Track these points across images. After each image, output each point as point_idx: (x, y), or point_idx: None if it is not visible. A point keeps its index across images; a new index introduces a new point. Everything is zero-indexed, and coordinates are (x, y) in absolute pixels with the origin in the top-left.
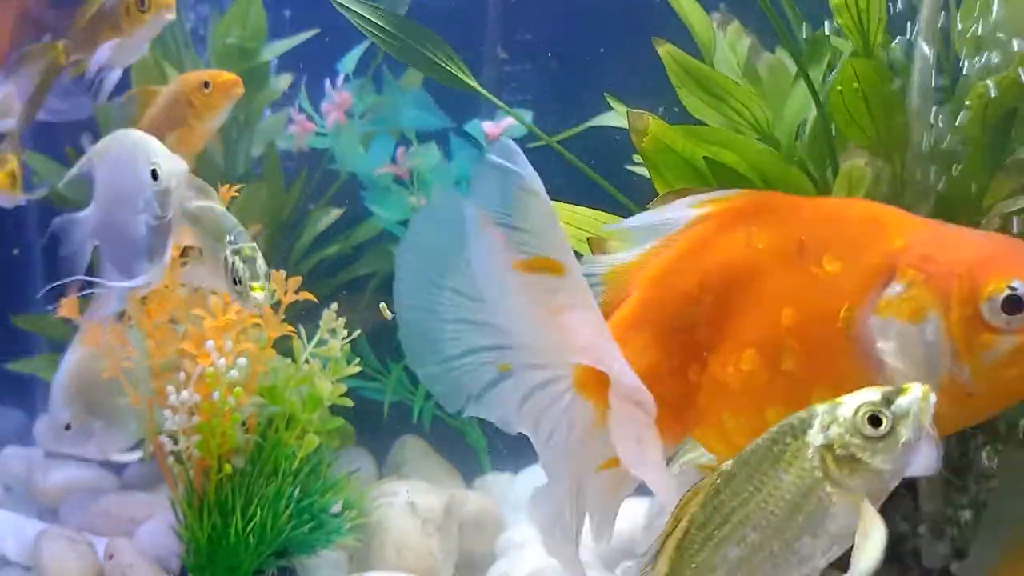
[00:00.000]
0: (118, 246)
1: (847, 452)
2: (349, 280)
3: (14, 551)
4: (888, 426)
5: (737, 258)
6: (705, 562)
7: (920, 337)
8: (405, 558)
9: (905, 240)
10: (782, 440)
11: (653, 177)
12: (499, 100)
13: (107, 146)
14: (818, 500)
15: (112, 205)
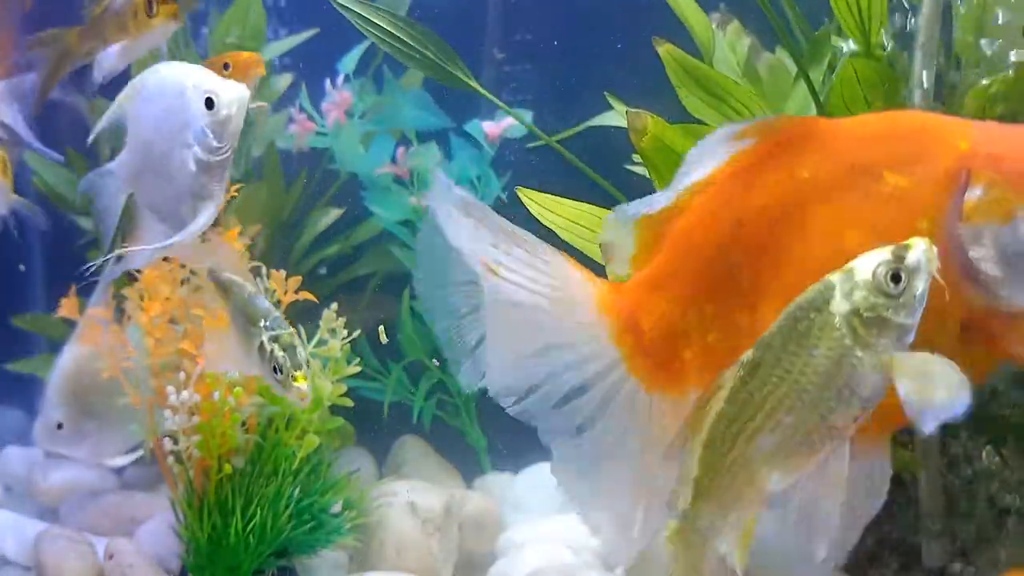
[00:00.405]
0: (159, 190)
1: (874, 314)
2: (349, 280)
3: (14, 551)
4: (906, 281)
5: (779, 192)
6: (740, 457)
7: (1014, 237)
8: (405, 558)
9: (969, 143)
10: (805, 317)
11: (652, 176)
12: (499, 100)
13: (143, 82)
14: (851, 367)
15: (151, 146)
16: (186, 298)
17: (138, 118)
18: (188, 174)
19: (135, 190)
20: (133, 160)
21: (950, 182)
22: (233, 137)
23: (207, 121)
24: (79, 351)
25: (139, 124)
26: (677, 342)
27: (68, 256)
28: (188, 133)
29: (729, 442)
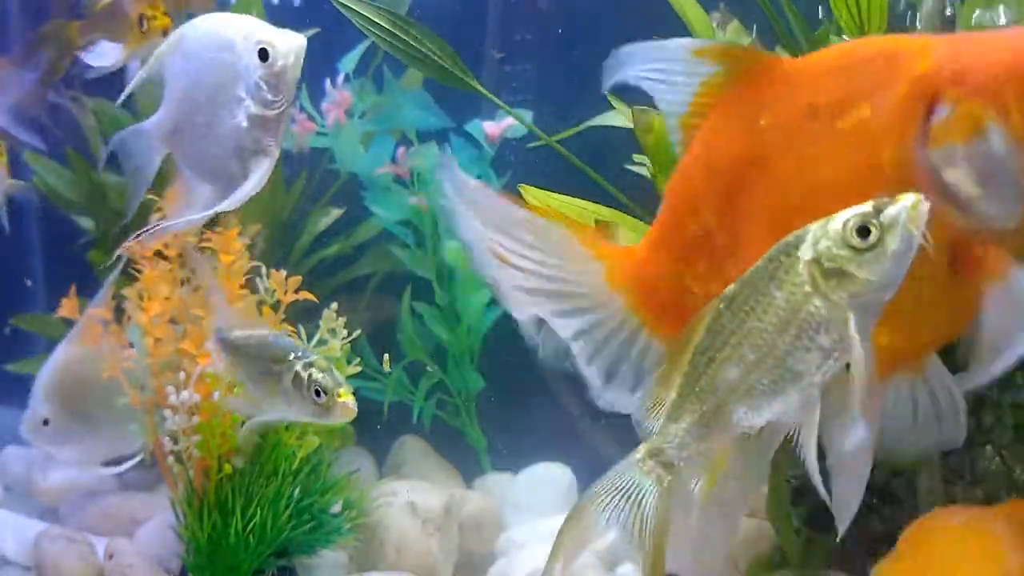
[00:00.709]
0: (204, 149)
1: (835, 265)
2: (349, 280)
3: (14, 551)
4: (876, 236)
5: (741, 147)
6: (707, 384)
7: (988, 151)
8: (405, 558)
9: (929, 62)
10: (776, 258)
11: (657, 174)
12: (499, 100)
13: (182, 35)
14: (808, 315)
15: (195, 103)
16: (186, 298)
17: (179, 73)
18: (239, 131)
19: (174, 150)
20: (172, 118)
21: (912, 107)
22: (290, 89)
23: (261, 74)
24: (73, 351)
25: (180, 79)
26: (686, 300)
27: (68, 256)
28: (239, 87)
29: (701, 369)
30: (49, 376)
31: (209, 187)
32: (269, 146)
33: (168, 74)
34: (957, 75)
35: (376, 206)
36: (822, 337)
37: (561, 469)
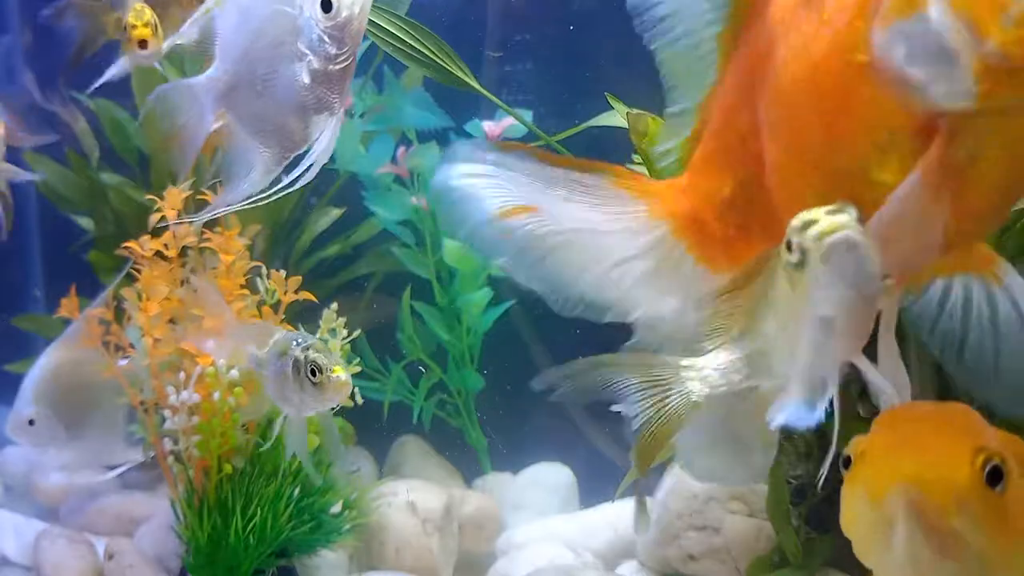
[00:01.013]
0: (262, 108)
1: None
2: (349, 280)
3: (14, 551)
4: (798, 257)
5: (759, 44)
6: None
7: (927, 27)
8: (405, 558)
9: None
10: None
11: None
12: (499, 100)
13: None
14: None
15: (250, 58)
16: (185, 298)
17: (233, 28)
18: (301, 87)
19: (230, 109)
20: (227, 75)
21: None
22: (355, 41)
23: (325, 26)
24: (63, 355)
25: (234, 34)
26: (729, 224)
27: (68, 256)
28: (300, 42)
29: (755, 312)
30: (37, 377)
31: (267, 151)
32: (334, 104)
33: (220, 28)
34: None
35: (376, 206)
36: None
37: (561, 469)
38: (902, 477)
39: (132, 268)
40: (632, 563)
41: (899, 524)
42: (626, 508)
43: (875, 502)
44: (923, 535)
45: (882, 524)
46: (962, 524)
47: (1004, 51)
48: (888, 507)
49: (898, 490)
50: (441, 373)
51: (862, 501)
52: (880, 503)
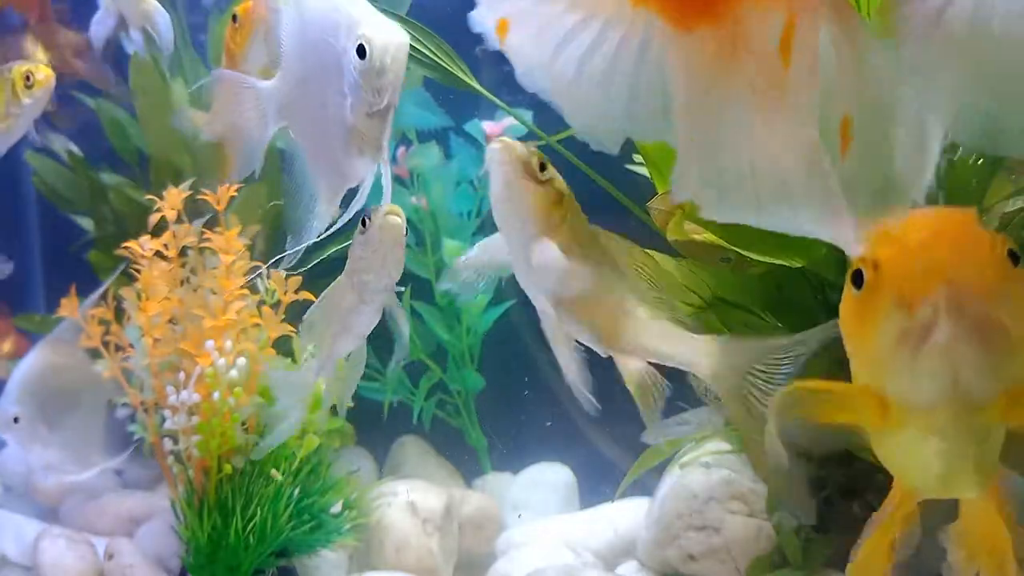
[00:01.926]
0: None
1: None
2: None
3: (14, 551)
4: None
5: None
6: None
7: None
8: (405, 558)
9: None
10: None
11: (653, 175)
12: (499, 100)
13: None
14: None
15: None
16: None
17: (293, 40)
18: (343, 124)
19: (289, 122)
20: (287, 86)
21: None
22: (392, 89)
23: (361, 70)
24: (49, 355)
25: (293, 49)
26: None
27: (68, 256)
28: (342, 80)
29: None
30: (23, 376)
31: (322, 181)
32: (370, 149)
33: (283, 35)
34: None
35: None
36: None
37: (561, 469)
38: (938, 274)
39: (131, 268)
40: (632, 563)
41: (940, 322)
42: (626, 508)
43: (907, 307)
44: (967, 328)
45: (913, 333)
46: (1001, 310)
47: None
48: (925, 308)
49: (938, 287)
50: (441, 373)
51: (888, 312)
52: (914, 307)
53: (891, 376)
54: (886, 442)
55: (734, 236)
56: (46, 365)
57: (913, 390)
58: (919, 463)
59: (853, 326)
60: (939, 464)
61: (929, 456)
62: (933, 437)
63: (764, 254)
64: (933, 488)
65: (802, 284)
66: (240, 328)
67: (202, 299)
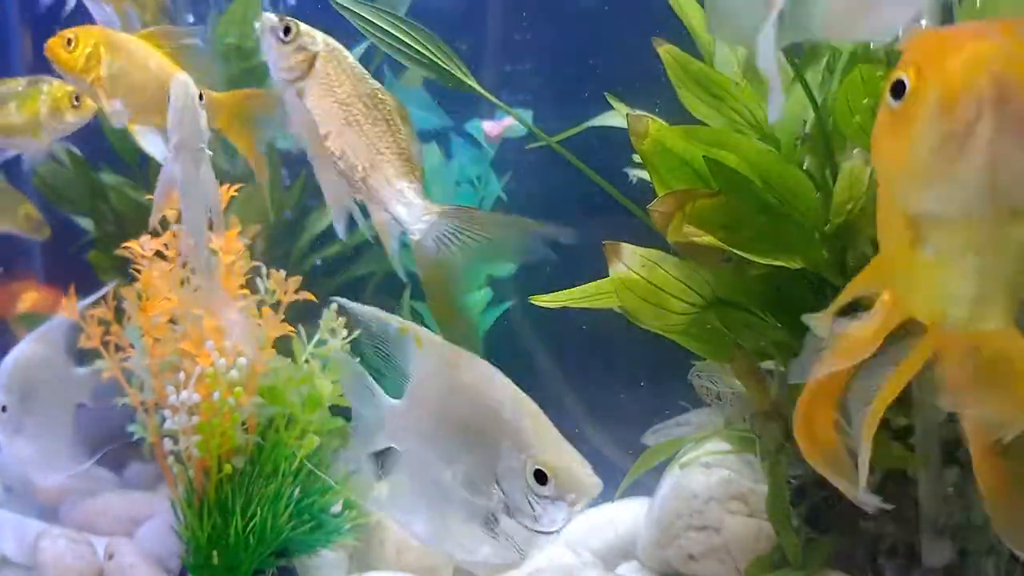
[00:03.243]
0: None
1: None
2: (349, 280)
3: (14, 551)
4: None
5: None
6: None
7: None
8: (405, 558)
9: None
10: None
11: (652, 178)
12: (499, 100)
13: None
14: None
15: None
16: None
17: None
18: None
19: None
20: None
21: None
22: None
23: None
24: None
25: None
26: None
27: (68, 256)
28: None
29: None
30: (11, 366)
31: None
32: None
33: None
34: None
35: None
36: None
37: None
38: (984, 74)
39: (132, 268)
40: (632, 563)
41: (984, 119)
42: (626, 508)
43: (950, 108)
44: (1012, 126)
45: (955, 135)
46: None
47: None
48: (968, 105)
49: (983, 85)
50: None
51: (929, 116)
52: (958, 106)
53: (928, 188)
54: (915, 276)
55: (734, 238)
56: (33, 359)
57: (950, 199)
58: (949, 288)
59: (887, 143)
60: (972, 285)
61: (961, 277)
62: (968, 253)
63: (764, 255)
64: (961, 316)
65: (802, 284)
66: None
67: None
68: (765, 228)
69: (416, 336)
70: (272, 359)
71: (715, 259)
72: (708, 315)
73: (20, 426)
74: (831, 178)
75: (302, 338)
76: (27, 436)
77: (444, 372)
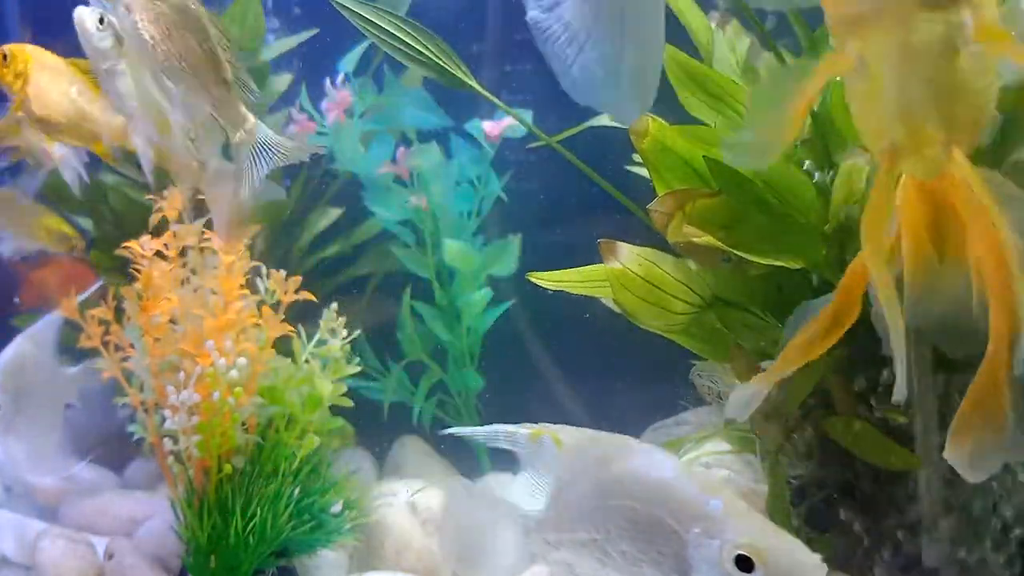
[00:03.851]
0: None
1: None
2: (349, 280)
3: (14, 551)
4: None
5: None
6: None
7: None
8: (405, 558)
9: None
10: None
11: (653, 178)
12: (499, 100)
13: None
14: None
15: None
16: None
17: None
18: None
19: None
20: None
21: None
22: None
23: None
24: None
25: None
26: None
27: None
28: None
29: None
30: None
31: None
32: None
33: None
34: None
35: (376, 206)
36: None
37: None
38: None
39: (132, 268)
40: None
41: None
42: None
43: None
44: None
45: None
46: None
47: None
48: None
49: None
50: (441, 373)
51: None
52: None
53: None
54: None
55: (733, 238)
56: (25, 359)
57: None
58: (884, 109)
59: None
60: (900, 100)
61: (890, 91)
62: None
63: (764, 256)
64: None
65: (802, 284)
66: (240, 328)
67: (202, 299)
68: (765, 228)
69: (553, 437)
70: (272, 359)
71: (715, 259)
72: (708, 315)
73: (11, 425)
74: (830, 178)
75: (302, 338)
76: (17, 435)
77: (594, 467)
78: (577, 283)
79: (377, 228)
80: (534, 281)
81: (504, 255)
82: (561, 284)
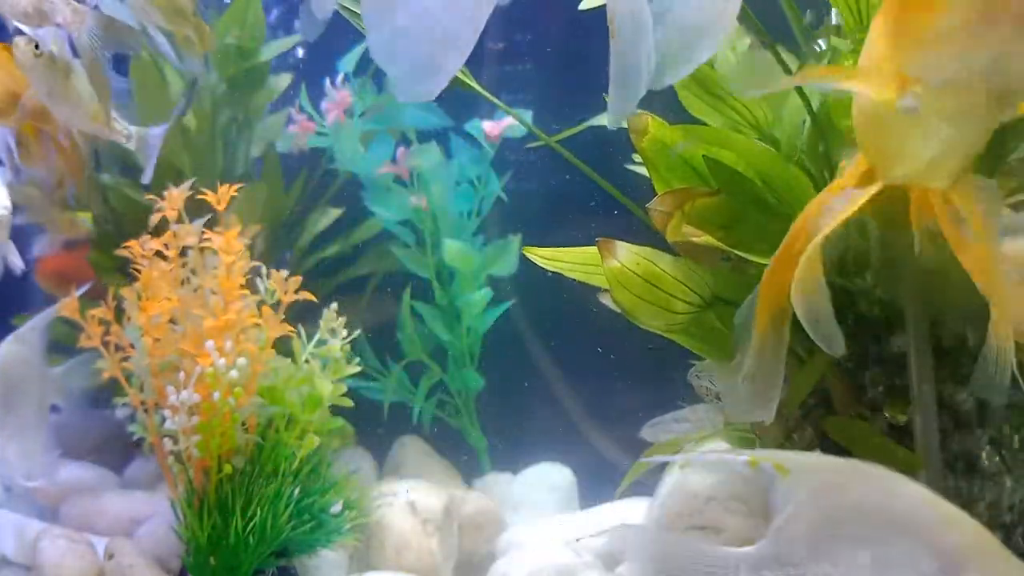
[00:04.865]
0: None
1: None
2: (349, 280)
3: (14, 551)
4: None
5: None
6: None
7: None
8: (405, 558)
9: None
10: None
11: (652, 177)
12: (499, 100)
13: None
14: None
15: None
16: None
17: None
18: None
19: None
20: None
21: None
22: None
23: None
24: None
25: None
26: None
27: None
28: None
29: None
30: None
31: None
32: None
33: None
34: None
35: (376, 206)
36: None
37: (561, 469)
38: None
39: (132, 268)
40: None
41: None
42: (626, 508)
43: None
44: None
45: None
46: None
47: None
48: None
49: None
50: (441, 373)
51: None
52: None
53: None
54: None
55: (733, 237)
56: (14, 359)
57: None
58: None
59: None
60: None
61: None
62: (940, 117)
63: (763, 254)
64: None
65: None
66: (240, 328)
67: (202, 299)
68: (764, 228)
69: (777, 465)
70: (272, 359)
71: (714, 259)
72: (708, 314)
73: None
74: (829, 178)
75: (302, 338)
76: (5, 436)
77: (826, 495)
78: (574, 264)
79: (377, 228)
80: (529, 257)
81: (504, 255)
82: (557, 264)
